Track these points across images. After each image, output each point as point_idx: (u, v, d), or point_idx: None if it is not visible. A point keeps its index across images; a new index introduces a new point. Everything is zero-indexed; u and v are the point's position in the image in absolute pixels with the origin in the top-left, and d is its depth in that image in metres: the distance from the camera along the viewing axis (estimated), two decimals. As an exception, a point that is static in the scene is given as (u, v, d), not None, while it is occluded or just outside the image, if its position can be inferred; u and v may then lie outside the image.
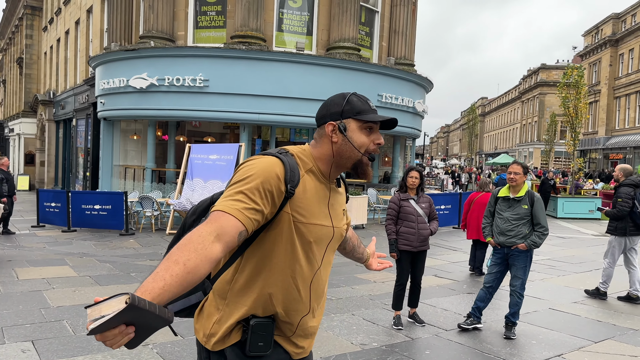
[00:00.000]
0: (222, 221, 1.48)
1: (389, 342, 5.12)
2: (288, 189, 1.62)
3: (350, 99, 1.77)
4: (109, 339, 1.22)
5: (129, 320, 1.23)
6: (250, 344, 1.68)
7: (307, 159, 1.76)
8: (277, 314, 1.72)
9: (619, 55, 40.85)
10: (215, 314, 1.73)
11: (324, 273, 1.83)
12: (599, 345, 5.18)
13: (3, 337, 4.83)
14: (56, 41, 26.22)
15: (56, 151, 26.58)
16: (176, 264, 1.35)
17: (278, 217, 1.64)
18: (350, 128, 1.74)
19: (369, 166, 1.80)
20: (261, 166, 1.61)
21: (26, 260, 8.63)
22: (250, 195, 1.55)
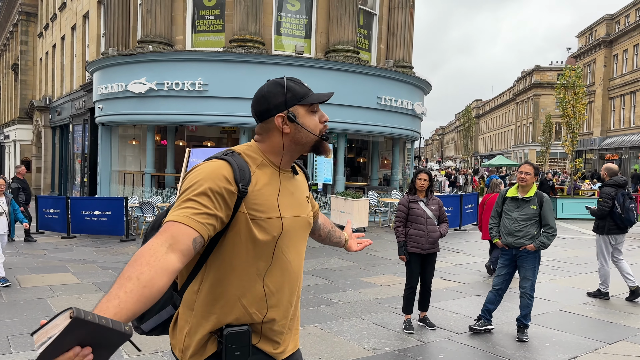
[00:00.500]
0: (173, 230, 1.43)
1: (402, 346, 5.06)
2: (240, 189, 1.58)
3: (289, 85, 1.73)
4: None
5: (80, 338, 1.13)
6: (226, 355, 1.62)
7: (256, 154, 1.72)
8: (252, 314, 1.66)
9: (613, 56, 41.07)
10: (186, 326, 1.67)
11: (295, 264, 1.78)
12: (613, 347, 5.14)
13: (9, 347, 4.74)
14: (52, 47, 26.11)
15: (52, 157, 26.43)
16: (129, 279, 1.28)
17: (234, 219, 1.60)
18: (299, 114, 1.72)
19: (325, 143, 1.80)
20: (207, 171, 1.58)
21: (27, 267, 8.53)
22: (200, 200, 1.51)
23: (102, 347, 1.18)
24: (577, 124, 17.54)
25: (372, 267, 9.00)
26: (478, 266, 9.26)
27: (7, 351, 4.63)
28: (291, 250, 1.75)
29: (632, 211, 6.92)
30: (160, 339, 5.01)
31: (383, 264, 9.28)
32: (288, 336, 1.80)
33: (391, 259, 9.84)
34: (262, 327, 1.70)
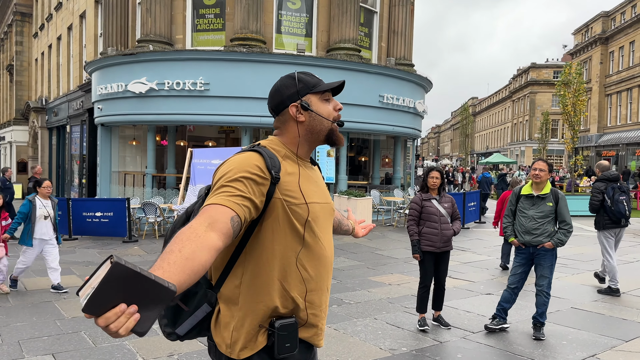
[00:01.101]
0: (211, 211, 1.47)
1: (418, 346, 5.01)
2: (273, 175, 1.64)
3: (300, 77, 1.82)
4: (111, 320, 1.09)
5: (124, 294, 1.09)
6: (278, 347, 1.66)
7: (278, 146, 1.79)
8: (294, 298, 1.71)
9: (609, 53, 41.18)
10: (232, 321, 1.69)
11: (329, 250, 1.84)
12: (631, 344, 5.10)
13: (22, 351, 4.66)
14: (47, 47, 25.92)
15: (49, 158, 26.25)
16: (171, 252, 1.30)
17: (271, 205, 1.66)
18: (312, 103, 1.80)
19: (338, 132, 1.86)
20: (238, 161, 1.64)
21: (31, 270, 8.39)
22: (234, 185, 1.56)
23: (148, 306, 1.14)
24: (578, 121, 17.54)
25: (379, 266, 8.94)
26: (485, 264, 9.22)
27: (19, 356, 4.55)
28: (324, 235, 1.82)
29: (622, 203, 7.05)
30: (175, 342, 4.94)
31: (390, 263, 9.23)
32: (324, 322, 1.85)
33: (397, 257, 9.79)
34: (303, 312, 1.74)
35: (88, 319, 1.09)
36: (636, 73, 36.52)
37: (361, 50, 14.36)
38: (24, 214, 6.84)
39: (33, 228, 6.87)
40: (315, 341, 1.81)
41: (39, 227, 6.90)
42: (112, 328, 1.10)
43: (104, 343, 4.91)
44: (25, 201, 6.95)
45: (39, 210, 6.93)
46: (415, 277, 7.97)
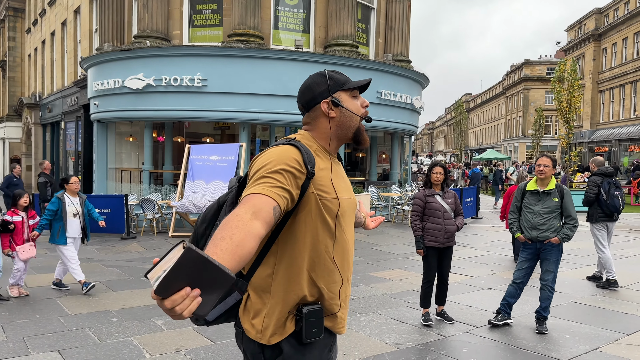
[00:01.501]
0: (254, 200, 1.52)
1: (423, 340, 5.04)
2: (309, 170, 1.70)
3: (331, 74, 1.91)
4: (177, 303, 1.14)
5: (190, 277, 1.14)
6: (306, 332, 1.74)
7: (310, 141, 1.86)
8: (321, 289, 1.78)
9: (602, 50, 41.41)
10: (263, 308, 1.76)
11: (350, 241, 1.91)
12: (633, 337, 5.16)
13: (27, 348, 4.65)
14: (41, 43, 25.70)
15: (43, 155, 26.05)
16: (223, 239, 1.35)
17: (305, 199, 1.72)
18: (342, 99, 1.88)
19: (364, 131, 1.94)
20: (277, 153, 1.69)
21: (30, 267, 8.33)
22: (274, 176, 1.61)
23: (209, 290, 1.19)
24: (573, 117, 17.64)
25: (379, 262, 8.97)
26: (484, 259, 9.27)
27: (25, 353, 4.54)
28: (348, 229, 1.89)
29: (617, 198, 7.29)
30: (181, 337, 4.96)
31: (390, 259, 9.27)
32: (346, 311, 1.93)
33: (397, 253, 9.83)
34: (328, 302, 1.81)
35: (154, 299, 1.14)
36: (629, 69, 36.75)
37: (359, 46, 14.35)
38: (52, 212, 6.59)
39: (65, 226, 6.65)
40: (338, 329, 1.90)
41: (69, 225, 6.69)
42: (177, 310, 1.15)
43: (109, 339, 4.90)
44: (54, 198, 6.69)
45: (69, 208, 6.68)
46: (416, 273, 8.02)
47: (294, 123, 13.73)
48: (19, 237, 6.56)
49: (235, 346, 4.74)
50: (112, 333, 5.09)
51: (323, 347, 1.84)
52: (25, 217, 6.68)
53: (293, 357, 1.76)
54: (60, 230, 6.64)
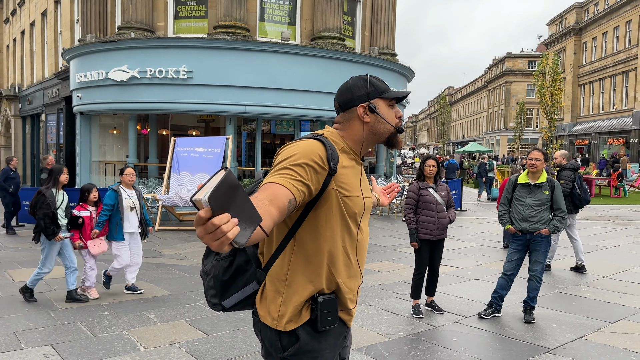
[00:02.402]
0: (273, 189, 1.58)
1: (414, 331, 5.12)
2: (331, 167, 1.75)
3: (372, 80, 1.94)
4: (224, 221, 1.18)
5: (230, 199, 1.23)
6: (321, 320, 1.81)
7: (338, 139, 1.90)
8: (339, 284, 1.85)
9: (582, 44, 42.00)
10: (279, 296, 1.82)
11: (366, 238, 1.99)
12: (616, 325, 5.32)
13: (19, 342, 4.61)
14: (20, 33, 25.18)
15: (23, 148, 25.62)
16: None
17: (326, 194, 1.77)
18: (379, 107, 1.92)
19: (399, 136, 2.01)
20: (303, 146, 1.74)
21: (16, 261, 8.29)
22: (296, 169, 1.67)
23: (243, 223, 1.26)
24: (555, 110, 17.90)
25: (367, 254, 9.04)
26: (470, 250, 9.42)
27: (18, 347, 4.50)
28: (364, 226, 1.96)
29: (587, 191, 7.69)
30: (175, 330, 4.97)
31: (377, 251, 9.36)
32: (356, 305, 2.00)
33: (384, 245, 9.93)
34: (342, 296, 1.88)
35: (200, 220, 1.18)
36: (608, 63, 37.37)
37: (345, 39, 14.36)
38: (110, 206, 6.15)
39: (122, 221, 6.26)
40: (349, 323, 1.98)
41: (126, 220, 6.30)
42: (224, 228, 1.18)
43: (102, 333, 4.89)
44: (110, 192, 6.28)
45: (125, 201, 6.27)
46: (404, 264, 8.12)
47: (280, 115, 13.73)
48: (87, 233, 6.23)
49: (229, 338, 4.78)
50: (104, 327, 5.08)
51: (337, 335, 1.91)
52: (94, 212, 6.32)
53: (310, 344, 1.82)
54: (118, 226, 6.26)
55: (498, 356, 4.49)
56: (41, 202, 5.86)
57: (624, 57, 35.44)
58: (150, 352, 4.44)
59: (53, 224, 5.83)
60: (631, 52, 34.55)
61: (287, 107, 13.07)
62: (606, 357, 4.48)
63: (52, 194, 5.94)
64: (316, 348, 1.84)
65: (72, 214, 6.14)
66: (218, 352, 4.45)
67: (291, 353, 1.82)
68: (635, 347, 4.71)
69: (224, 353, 4.42)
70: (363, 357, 4.41)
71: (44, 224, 5.80)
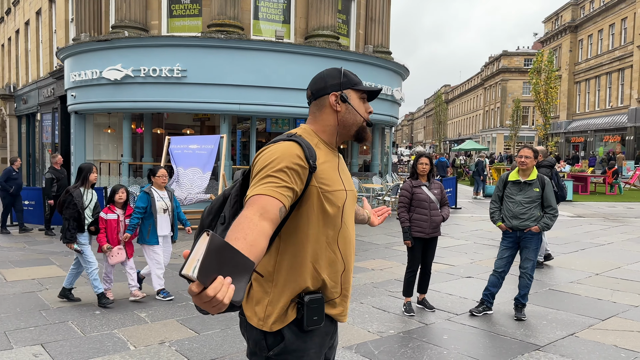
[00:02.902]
0: (262, 202, 1.58)
1: (405, 328, 5.13)
2: (311, 165, 1.75)
3: (345, 72, 1.95)
4: (218, 289, 1.20)
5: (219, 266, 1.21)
6: (307, 320, 1.80)
7: (312, 136, 1.91)
8: (324, 279, 1.84)
9: (578, 41, 42.07)
10: (265, 297, 1.81)
11: (352, 231, 1.99)
12: (607, 322, 5.33)
13: (9, 342, 4.60)
14: (15, 32, 25.10)
15: (19, 147, 25.55)
16: (237, 240, 1.42)
17: (308, 192, 1.78)
18: (351, 97, 1.93)
19: (368, 130, 2.00)
20: (281, 150, 1.74)
21: (9, 260, 8.27)
22: (279, 176, 1.67)
23: (237, 277, 1.26)
24: (550, 108, 17.91)
25: (360, 252, 9.06)
26: (463, 248, 9.43)
27: (7, 346, 4.50)
28: (349, 220, 1.96)
29: (565, 188, 7.67)
30: (165, 329, 4.97)
31: (371, 249, 9.36)
32: (347, 300, 1.99)
33: (378, 243, 9.93)
34: (330, 292, 1.88)
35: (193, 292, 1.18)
36: (604, 61, 37.44)
37: (339, 37, 14.34)
38: (142, 209, 5.88)
39: (155, 223, 5.98)
40: (339, 317, 1.97)
41: (159, 222, 6.02)
42: (219, 297, 1.21)
43: (93, 332, 4.89)
44: (141, 194, 6.01)
45: (158, 203, 6.02)
46: (397, 262, 8.13)
47: (275, 114, 13.72)
48: (114, 237, 5.93)
49: (219, 337, 4.78)
50: (95, 326, 5.07)
51: (324, 334, 1.91)
52: (121, 215, 6.00)
53: (294, 344, 1.82)
54: (151, 229, 5.96)
55: (488, 353, 4.50)
56: (68, 201, 5.63)
57: (619, 55, 35.52)
58: (140, 351, 4.44)
59: (77, 225, 5.63)
60: (627, 50, 34.63)
61: (282, 105, 13.05)
62: (596, 354, 4.50)
63: (79, 194, 5.71)
64: (301, 348, 1.83)
65: (98, 216, 5.93)
66: (208, 350, 4.45)
67: (276, 352, 1.82)
68: (625, 343, 4.73)
69: (213, 352, 4.42)
70: (353, 355, 4.42)
71: (67, 225, 5.60)
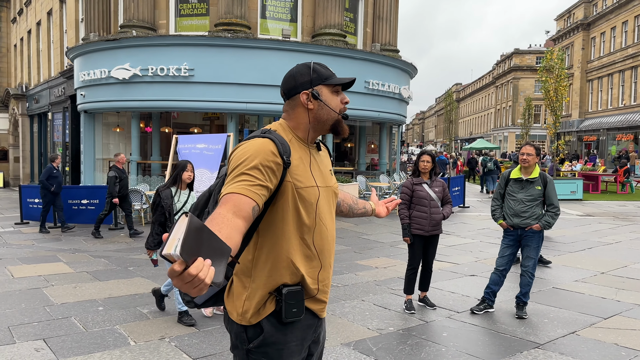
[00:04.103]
0: (234, 200, 1.60)
1: (405, 326, 5.13)
2: (285, 160, 1.76)
3: (315, 67, 1.92)
4: (200, 269, 1.21)
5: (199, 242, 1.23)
6: (285, 312, 1.81)
7: (286, 131, 1.90)
8: (302, 275, 1.84)
9: (590, 39, 41.60)
10: (244, 292, 1.83)
11: (331, 230, 1.97)
12: (609, 321, 5.28)
13: (12, 337, 4.68)
14: (27, 33, 25.40)
15: (31, 146, 25.86)
16: None
17: (282, 188, 1.79)
18: (322, 93, 1.90)
19: (343, 123, 1.98)
20: (254, 147, 1.75)
21: (17, 257, 8.38)
22: (252, 173, 1.68)
23: (216, 260, 1.27)
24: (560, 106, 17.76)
25: (365, 250, 9.06)
26: (469, 247, 9.39)
27: (10, 341, 4.57)
28: (326, 216, 1.95)
29: None
30: (166, 325, 5.01)
31: (376, 247, 9.36)
32: (328, 296, 2.00)
33: (383, 242, 9.92)
34: (309, 287, 1.88)
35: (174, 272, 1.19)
36: (617, 58, 36.99)
37: (346, 35, 14.35)
38: None
39: None
40: (320, 313, 1.98)
41: None
42: (200, 276, 1.21)
43: (95, 327, 4.94)
44: None
45: None
46: (401, 261, 8.11)
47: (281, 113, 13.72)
48: None
49: (219, 333, 4.81)
50: (97, 321, 5.13)
51: (306, 327, 1.91)
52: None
53: (274, 336, 1.83)
54: None
55: (486, 351, 4.49)
56: (157, 203, 5.10)
57: (632, 52, 35.07)
58: (140, 346, 4.48)
59: (162, 231, 5.04)
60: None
61: (288, 104, 13.06)
62: (596, 352, 4.46)
63: (169, 194, 5.08)
64: (281, 340, 1.83)
65: None
66: (207, 346, 4.49)
67: (256, 345, 1.82)
68: (627, 342, 4.69)
69: (212, 347, 4.45)
70: (351, 351, 4.43)
71: (152, 230, 5.07)
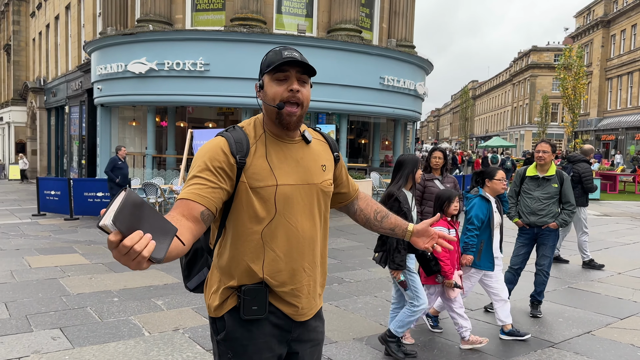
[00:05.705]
0: (182, 207, 1.60)
1: (417, 322, 5.10)
2: (238, 160, 1.69)
3: (268, 54, 1.76)
4: (136, 240, 1.19)
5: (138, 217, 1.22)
6: (244, 308, 1.75)
7: (258, 126, 1.80)
8: (264, 278, 1.76)
9: (610, 36, 40.96)
10: (214, 284, 1.82)
11: (305, 230, 1.80)
12: (625, 321, 5.22)
13: (30, 325, 4.75)
14: (45, 27, 25.71)
15: (48, 139, 26.22)
16: None
17: (237, 189, 1.72)
18: (265, 83, 1.75)
19: (288, 115, 1.73)
20: (205, 149, 1.72)
21: (34, 248, 8.51)
22: (203, 176, 1.65)
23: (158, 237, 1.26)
24: (577, 104, 17.53)
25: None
26: (483, 245, 9.31)
27: (28, 329, 4.64)
28: (297, 216, 1.78)
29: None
30: (180, 317, 5.06)
31: (389, 244, 9.32)
32: (306, 300, 1.85)
33: (397, 238, 9.88)
34: (276, 289, 1.79)
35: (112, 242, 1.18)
36: (637, 57, 36.38)
37: (362, 31, 14.29)
38: (481, 221, 4.49)
39: (491, 241, 4.55)
40: (296, 317, 1.85)
41: (495, 240, 4.62)
42: (136, 248, 1.19)
43: (110, 318, 5.01)
44: (478, 200, 4.56)
45: (495, 215, 4.58)
46: (415, 257, 8.07)
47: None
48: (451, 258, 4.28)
49: (232, 326, 4.83)
50: (112, 312, 5.19)
51: (275, 327, 1.82)
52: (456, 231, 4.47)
53: (237, 331, 1.79)
54: (484, 247, 4.53)
55: (499, 349, 4.46)
56: (395, 209, 3.89)
57: (653, 50, 34.49)
58: (154, 337, 4.53)
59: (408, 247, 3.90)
60: (661, 45, 33.59)
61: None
62: (611, 352, 4.41)
63: (406, 198, 4.07)
64: (246, 336, 1.78)
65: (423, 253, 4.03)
66: (220, 338, 4.51)
67: (221, 338, 1.82)
68: (643, 343, 4.62)
69: (225, 340, 4.48)
70: (363, 346, 4.43)
71: (395, 244, 3.93)
